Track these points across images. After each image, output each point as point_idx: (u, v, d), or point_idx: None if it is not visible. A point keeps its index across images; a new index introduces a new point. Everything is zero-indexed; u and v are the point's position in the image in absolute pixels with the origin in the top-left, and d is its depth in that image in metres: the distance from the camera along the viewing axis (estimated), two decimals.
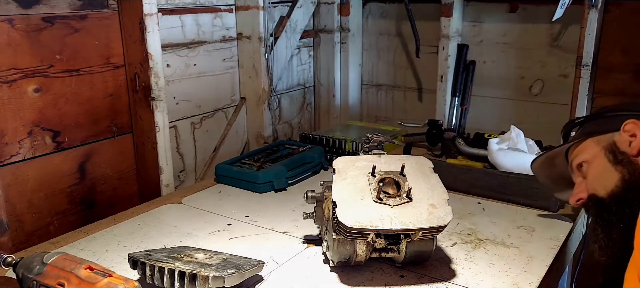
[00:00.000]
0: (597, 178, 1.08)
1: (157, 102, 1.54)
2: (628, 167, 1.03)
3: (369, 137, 1.20)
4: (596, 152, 1.09)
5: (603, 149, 1.08)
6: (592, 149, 1.10)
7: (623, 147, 1.05)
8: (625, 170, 1.03)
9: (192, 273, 0.93)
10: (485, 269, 1.11)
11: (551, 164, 1.26)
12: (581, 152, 1.13)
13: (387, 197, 1.02)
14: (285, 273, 1.10)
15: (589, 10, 1.65)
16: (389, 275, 1.09)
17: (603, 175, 1.06)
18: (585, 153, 1.11)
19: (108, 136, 1.55)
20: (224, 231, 1.29)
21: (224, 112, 1.92)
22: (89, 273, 0.89)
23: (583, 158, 1.11)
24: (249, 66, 1.92)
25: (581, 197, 1.12)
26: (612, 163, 1.05)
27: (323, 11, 2.20)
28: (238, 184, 1.56)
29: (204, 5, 1.78)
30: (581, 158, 1.12)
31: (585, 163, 1.11)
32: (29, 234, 1.38)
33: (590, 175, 1.10)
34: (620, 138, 1.06)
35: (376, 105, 2.34)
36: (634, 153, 1.02)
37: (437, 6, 1.99)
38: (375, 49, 2.28)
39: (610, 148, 1.07)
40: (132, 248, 1.18)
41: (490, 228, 1.29)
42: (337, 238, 1.04)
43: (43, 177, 1.40)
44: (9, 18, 1.28)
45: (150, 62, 1.50)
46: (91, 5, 1.45)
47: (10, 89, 1.31)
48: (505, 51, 1.98)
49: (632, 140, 1.04)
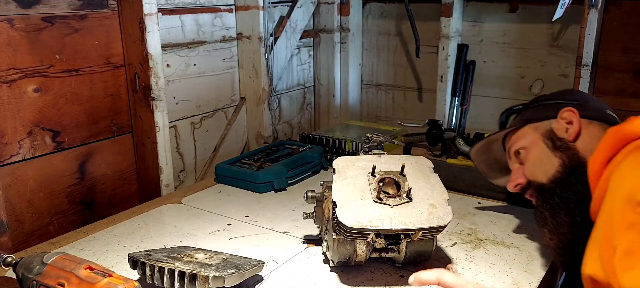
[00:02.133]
0: (536, 164, 1.10)
1: (157, 102, 1.54)
2: (567, 152, 1.06)
3: (369, 137, 1.20)
4: (534, 138, 1.12)
5: (541, 136, 1.11)
6: (530, 136, 1.13)
7: (560, 134, 1.08)
8: (565, 155, 1.06)
9: (192, 273, 0.93)
10: (485, 269, 1.11)
11: (488, 150, 1.29)
12: (519, 139, 1.15)
13: (387, 197, 1.02)
14: (285, 273, 1.10)
15: (589, 10, 1.65)
16: (389, 275, 1.09)
17: (543, 161, 1.09)
18: (524, 140, 1.14)
19: (108, 136, 1.55)
20: (224, 231, 1.29)
21: (224, 112, 1.92)
22: (89, 273, 0.89)
23: (521, 144, 1.14)
24: (249, 66, 1.92)
25: (519, 182, 1.13)
26: (551, 150, 1.08)
27: (323, 11, 2.20)
28: (238, 184, 1.56)
29: (204, 5, 1.77)
30: (519, 144, 1.14)
31: (523, 149, 1.13)
32: (29, 234, 1.38)
33: (528, 161, 1.12)
34: (557, 125, 1.09)
35: (376, 105, 2.34)
36: (571, 139, 1.06)
37: (437, 6, 1.99)
38: (375, 48, 2.28)
39: (548, 135, 1.10)
40: (132, 248, 1.18)
41: (490, 228, 1.29)
42: (337, 238, 1.04)
43: (43, 177, 1.40)
44: (9, 18, 1.28)
45: (150, 62, 1.50)
46: (91, 5, 1.45)
47: (10, 88, 1.31)
48: (505, 51, 1.98)
49: (569, 127, 1.08)
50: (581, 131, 1.07)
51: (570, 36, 1.83)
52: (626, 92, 1.72)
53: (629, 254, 0.73)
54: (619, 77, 1.73)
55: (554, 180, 1.05)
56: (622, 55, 1.72)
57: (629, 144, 0.89)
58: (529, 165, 1.12)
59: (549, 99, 1.20)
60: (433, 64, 2.06)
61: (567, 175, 1.04)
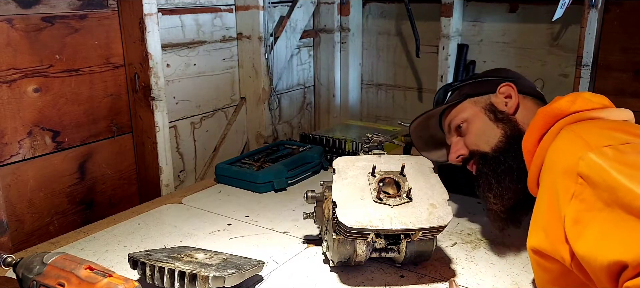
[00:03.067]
0: (479, 135, 1.17)
1: (157, 102, 1.54)
2: (508, 124, 1.14)
3: (369, 137, 1.20)
4: (476, 111, 1.19)
5: (482, 109, 1.19)
6: (471, 109, 1.20)
7: (500, 107, 1.17)
8: (507, 126, 1.14)
9: (192, 273, 0.93)
10: (485, 269, 1.11)
11: (425, 126, 1.36)
12: (460, 113, 1.22)
13: (387, 197, 1.02)
14: (285, 273, 1.10)
15: (589, 10, 1.65)
16: (389, 275, 1.09)
17: (485, 133, 1.16)
18: (464, 113, 1.21)
19: (108, 136, 1.55)
20: (224, 231, 1.29)
21: (224, 112, 1.92)
22: (89, 273, 0.89)
23: (463, 117, 1.20)
24: (249, 66, 1.92)
25: (461, 153, 1.21)
26: (493, 121, 1.16)
27: (323, 11, 2.20)
28: (238, 184, 1.56)
29: (204, 5, 1.77)
30: (461, 118, 1.21)
31: (464, 122, 1.20)
32: (29, 234, 1.38)
33: (471, 133, 1.19)
34: (496, 99, 1.19)
35: (376, 104, 2.34)
36: (511, 112, 1.16)
37: (437, 6, 1.99)
38: (375, 48, 2.28)
39: (489, 108, 1.18)
40: (132, 248, 1.18)
41: (490, 228, 1.29)
42: (337, 238, 1.04)
43: (43, 177, 1.40)
44: (9, 18, 1.28)
45: (150, 62, 1.50)
46: (91, 5, 1.45)
47: (9, 88, 1.31)
48: (505, 51, 1.98)
49: (508, 100, 1.17)
50: (519, 105, 1.16)
51: (570, 36, 1.83)
52: (626, 92, 1.72)
53: (576, 223, 0.78)
54: (618, 77, 1.73)
55: (497, 149, 1.13)
56: (622, 55, 1.72)
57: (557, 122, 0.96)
58: (471, 136, 1.19)
59: (484, 76, 1.30)
60: (433, 63, 2.06)
61: (510, 145, 1.11)
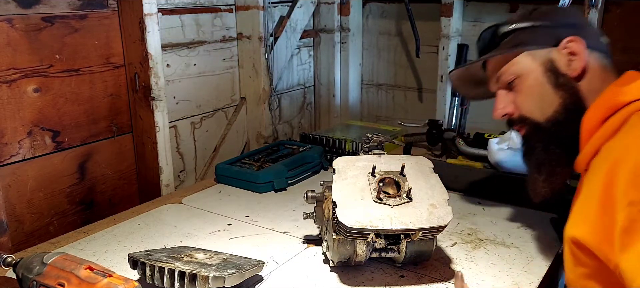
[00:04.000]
0: (534, 99, 0.99)
1: (157, 102, 1.54)
2: (570, 92, 0.95)
3: (369, 137, 1.20)
4: (533, 68, 0.99)
5: (541, 66, 0.98)
6: (526, 64, 0.99)
7: (563, 68, 0.96)
8: (567, 95, 0.95)
9: (192, 273, 0.93)
10: (485, 269, 1.11)
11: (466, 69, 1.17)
12: (514, 66, 1.01)
13: (387, 197, 1.02)
14: (285, 273, 1.10)
15: (589, 10, 1.65)
16: (389, 275, 1.09)
17: (542, 98, 0.98)
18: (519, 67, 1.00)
19: (108, 136, 1.55)
20: (224, 231, 1.29)
21: (224, 112, 1.92)
22: (89, 274, 0.88)
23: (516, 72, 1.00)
24: (249, 66, 1.92)
25: (509, 111, 1.03)
26: (553, 86, 0.97)
27: (323, 11, 2.20)
28: (238, 184, 1.56)
29: (204, 5, 1.77)
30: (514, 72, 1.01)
31: (518, 78, 1.00)
32: (29, 234, 1.38)
33: (524, 94, 1.00)
34: (559, 55, 0.97)
35: (376, 105, 2.34)
36: (574, 75, 0.95)
37: (437, 6, 1.99)
38: (375, 48, 2.28)
39: (550, 67, 0.97)
40: (132, 248, 1.18)
41: (490, 228, 1.29)
42: (337, 238, 1.04)
43: (43, 177, 1.40)
44: (9, 18, 1.28)
45: (150, 62, 1.50)
46: (91, 5, 1.45)
47: (9, 88, 1.31)
48: None
49: (573, 60, 0.96)
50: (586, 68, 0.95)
51: None
52: None
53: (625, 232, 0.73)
54: None
55: (551, 120, 0.97)
56: (622, 54, 1.71)
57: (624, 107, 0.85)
58: (524, 98, 1.00)
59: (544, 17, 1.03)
60: (433, 63, 2.06)
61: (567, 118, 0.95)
